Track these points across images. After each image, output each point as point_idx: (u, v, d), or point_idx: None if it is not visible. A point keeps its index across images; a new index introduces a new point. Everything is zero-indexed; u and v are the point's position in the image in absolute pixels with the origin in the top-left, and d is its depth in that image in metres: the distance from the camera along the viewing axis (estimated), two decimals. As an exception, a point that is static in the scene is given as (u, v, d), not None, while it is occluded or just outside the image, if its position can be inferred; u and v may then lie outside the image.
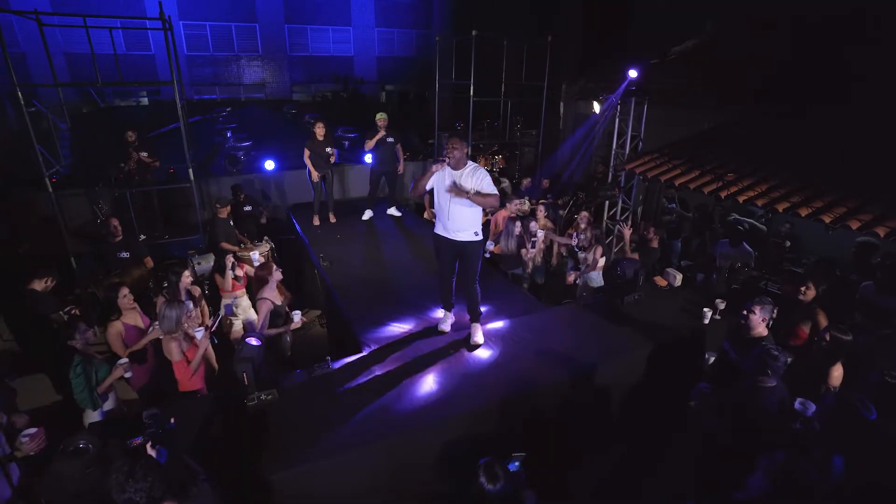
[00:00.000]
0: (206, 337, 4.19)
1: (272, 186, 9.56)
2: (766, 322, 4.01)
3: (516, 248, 6.53)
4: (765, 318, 3.99)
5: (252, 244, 7.32)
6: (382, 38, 21.02)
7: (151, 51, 18.03)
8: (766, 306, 3.98)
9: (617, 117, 7.39)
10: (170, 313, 3.97)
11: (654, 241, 6.70)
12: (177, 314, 3.97)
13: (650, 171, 6.53)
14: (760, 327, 4.00)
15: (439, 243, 4.70)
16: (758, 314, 3.97)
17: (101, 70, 7.67)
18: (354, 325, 5.29)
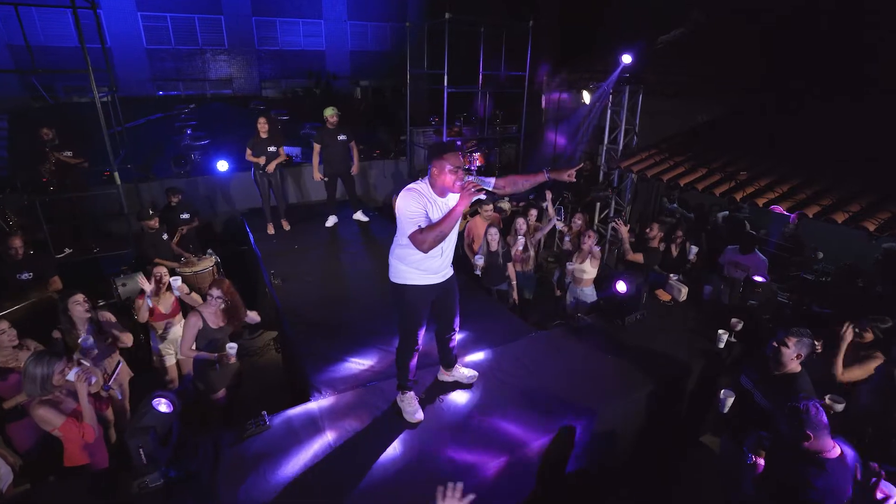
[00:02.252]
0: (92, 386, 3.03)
1: (224, 190, 8.36)
2: (802, 358, 3.08)
3: (501, 261, 5.52)
4: (800, 353, 3.06)
5: (193, 258, 6.17)
6: (355, 32, 19.77)
7: (108, 43, 16.49)
8: (803, 339, 3.05)
9: (609, 108, 6.43)
10: (33, 371, 2.84)
11: (656, 240, 5.77)
12: (42, 373, 2.84)
13: (649, 169, 5.58)
14: (793, 363, 3.07)
15: (425, 295, 3.34)
16: (792, 349, 3.03)
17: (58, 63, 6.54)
18: (304, 361, 4.23)
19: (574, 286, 5.57)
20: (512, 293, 5.58)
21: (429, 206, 2.97)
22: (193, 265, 6.01)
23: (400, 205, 2.97)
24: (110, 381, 3.30)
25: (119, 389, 3.55)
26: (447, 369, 3.92)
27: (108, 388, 3.24)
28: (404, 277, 3.19)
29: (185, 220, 6.98)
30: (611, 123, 6.52)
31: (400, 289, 3.24)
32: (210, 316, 4.07)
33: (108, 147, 5.66)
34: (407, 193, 2.98)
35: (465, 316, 3.88)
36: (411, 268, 3.16)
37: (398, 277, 3.22)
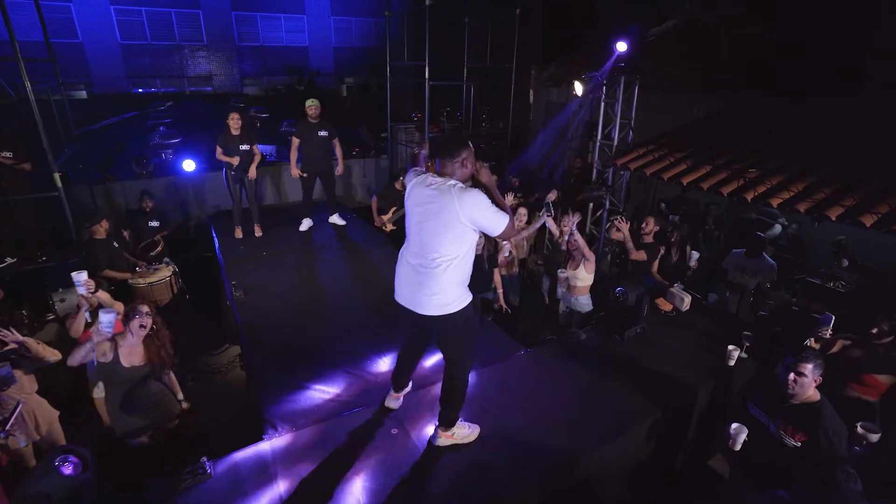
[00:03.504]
0: None
1: (192, 191, 7.69)
2: (819, 382, 2.57)
3: (486, 266, 4.95)
4: (818, 379, 2.54)
5: (148, 269, 5.53)
6: (339, 28, 19.07)
7: (79, 38, 15.68)
8: (817, 362, 2.54)
9: (602, 101, 5.87)
10: None
11: (650, 235, 5.24)
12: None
13: (647, 166, 5.04)
14: (811, 390, 2.55)
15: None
16: (809, 376, 2.51)
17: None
18: (260, 390, 3.64)
19: (568, 294, 5.02)
20: (498, 301, 5.01)
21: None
22: (147, 276, 5.38)
23: (474, 205, 2.44)
24: (7, 424, 2.68)
25: (23, 436, 2.91)
26: (400, 390, 3.43)
27: (5, 436, 2.63)
28: (464, 298, 2.73)
29: (153, 229, 6.34)
30: (604, 117, 5.97)
31: (463, 314, 2.73)
32: (126, 348, 3.19)
33: (45, 146, 4.98)
34: (471, 190, 2.47)
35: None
36: (465, 283, 2.72)
37: (460, 302, 2.70)
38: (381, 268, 5.60)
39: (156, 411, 3.33)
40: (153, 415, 3.34)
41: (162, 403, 3.36)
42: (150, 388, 3.30)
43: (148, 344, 3.28)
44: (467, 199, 2.43)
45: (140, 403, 3.26)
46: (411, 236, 2.67)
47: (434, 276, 2.57)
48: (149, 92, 17.15)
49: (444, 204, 2.45)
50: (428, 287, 2.61)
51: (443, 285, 2.60)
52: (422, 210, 2.56)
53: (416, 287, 2.65)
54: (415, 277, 2.65)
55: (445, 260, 2.55)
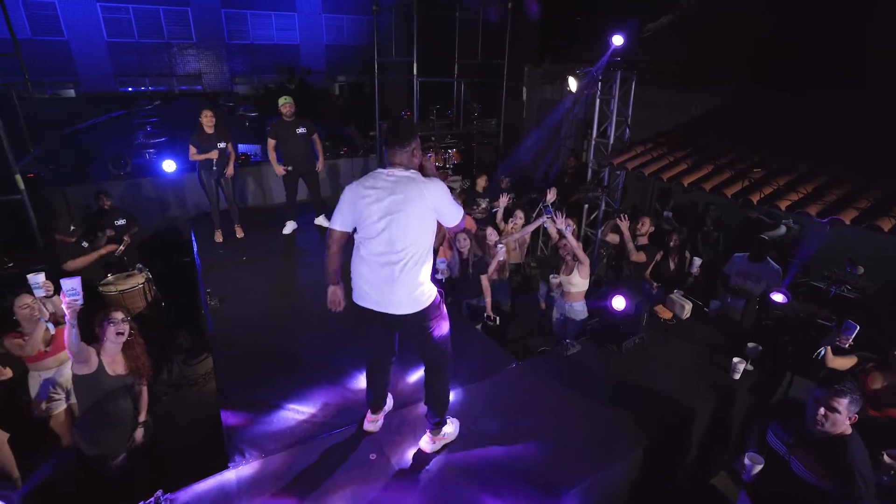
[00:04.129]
0: None
1: (173, 192, 7.33)
2: (855, 420, 2.26)
3: (472, 272, 4.65)
4: (853, 416, 2.24)
5: (120, 275, 5.20)
6: (331, 25, 18.71)
7: (64, 36, 15.25)
8: (853, 396, 2.21)
9: (598, 97, 5.57)
10: None
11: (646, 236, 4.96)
12: None
13: (646, 166, 4.75)
14: (843, 426, 2.25)
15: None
16: (843, 413, 2.20)
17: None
18: (227, 410, 3.32)
19: (562, 301, 4.72)
20: (487, 312, 4.70)
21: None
22: (118, 283, 5.04)
23: (439, 192, 2.48)
24: None
25: None
26: (378, 412, 3.14)
27: None
28: (431, 288, 2.66)
29: (121, 228, 5.99)
30: (599, 115, 5.67)
31: (434, 307, 2.68)
32: (107, 357, 3.00)
33: (5, 146, 4.63)
34: (434, 179, 2.53)
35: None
36: (430, 275, 2.67)
37: (431, 292, 2.67)
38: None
39: (130, 428, 3.11)
40: (128, 431, 3.11)
41: (132, 419, 3.12)
42: (127, 402, 3.07)
43: (126, 352, 3.05)
44: (433, 187, 2.45)
45: (120, 418, 3.04)
46: (374, 234, 2.49)
47: (407, 270, 2.48)
48: (138, 91, 16.76)
49: (411, 194, 2.41)
50: (403, 284, 2.50)
51: (418, 279, 2.53)
52: (386, 205, 2.44)
53: (390, 286, 2.51)
54: (387, 276, 2.51)
55: (417, 252, 2.49)
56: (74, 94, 16.38)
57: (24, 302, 3.43)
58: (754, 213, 6.31)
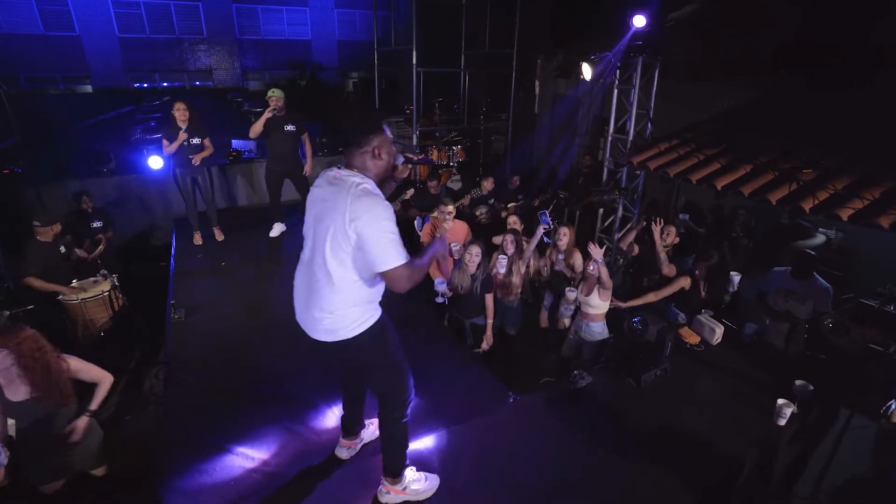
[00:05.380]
0: None
1: (159, 192, 6.79)
2: None
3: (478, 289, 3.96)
4: None
5: (85, 281, 4.67)
6: (343, 20, 18.14)
7: (76, 31, 14.98)
8: None
9: (615, 87, 4.84)
10: None
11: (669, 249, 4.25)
12: None
13: (671, 166, 4.03)
14: None
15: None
16: None
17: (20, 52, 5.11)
18: (166, 449, 2.73)
19: (579, 319, 4.02)
20: (486, 336, 4.02)
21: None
22: (80, 291, 4.51)
23: (370, 217, 1.83)
24: None
25: None
26: (352, 437, 2.67)
27: None
28: (366, 318, 2.06)
29: (97, 230, 5.50)
30: (617, 107, 4.93)
31: (367, 337, 2.06)
32: (4, 380, 2.48)
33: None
34: (376, 200, 1.87)
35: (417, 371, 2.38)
36: (374, 302, 2.10)
37: (361, 323, 2.04)
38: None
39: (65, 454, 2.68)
40: (61, 457, 2.69)
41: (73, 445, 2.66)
42: (53, 427, 2.61)
43: (30, 376, 2.48)
44: (362, 205, 1.81)
45: (43, 443, 2.61)
46: (307, 240, 2.08)
47: (319, 289, 1.97)
48: (152, 86, 16.46)
49: (338, 206, 1.85)
50: (317, 306, 2.00)
51: (335, 305, 1.97)
52: (316, 210, 2.00)
53: (306, 304, 2.07)
54: (305, 292, 2.07)
55: (340, 277, 1.92)
56: (91, 90, 16.19)
57: None
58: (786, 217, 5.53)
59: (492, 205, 6.13)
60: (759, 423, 2.98)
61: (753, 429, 2.94)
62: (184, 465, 2.64)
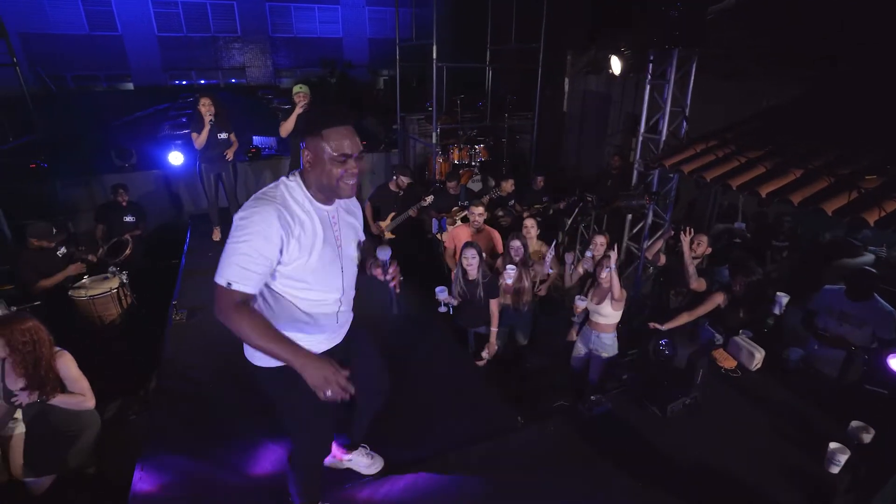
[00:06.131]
0: None
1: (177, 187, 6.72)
2: None
3: (481, 295, 3.67)
4: None
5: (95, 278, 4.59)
6: (374, 18, 18.02)
7: (118, 31, 15.35)
8: None
9: (647, 83, 4.41)
10: None
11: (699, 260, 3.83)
12: None
13: (708, 169, 3.60)
14: None
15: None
16: None
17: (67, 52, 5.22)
18: (143, 471, 2.54)
19: (588, 329, 3.68)
20: (489, 344, 3.71)
21: (292, 229, 1.58)
22: (91, 287, 4.43)
23: (235, 224, 1.56)
24: None
25: None
26: (349, 449, 2.43)
27: None
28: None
29: (129, 225, 5.49)
30: (649, 104, 4.51)
31: (269, 377, 1.78)
32: (9, 365, 2.50)
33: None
34: (255, 204, 1.57)
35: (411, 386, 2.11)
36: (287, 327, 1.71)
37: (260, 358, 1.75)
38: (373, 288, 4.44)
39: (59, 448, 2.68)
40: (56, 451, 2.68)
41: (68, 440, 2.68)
42: (50, 420, 2.61)
43: (21, 367, 2.47)
44: (241, 211, 1.56)
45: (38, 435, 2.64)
46: None
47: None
48: (188, 84, 16.76)
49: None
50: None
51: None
52: None
53: None
54: None
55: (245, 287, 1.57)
56: (133, 87, 16.63)
57: None
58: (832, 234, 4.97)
59: (512, 206, 5.79)
60: (808, 467, 2.56)
61: (800, 474, 2.52)
62: (160, 490, 2.45)
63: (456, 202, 5.54)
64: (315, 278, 1.70)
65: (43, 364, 2.48)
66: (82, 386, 2.62)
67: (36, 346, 2.46)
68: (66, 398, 2.56)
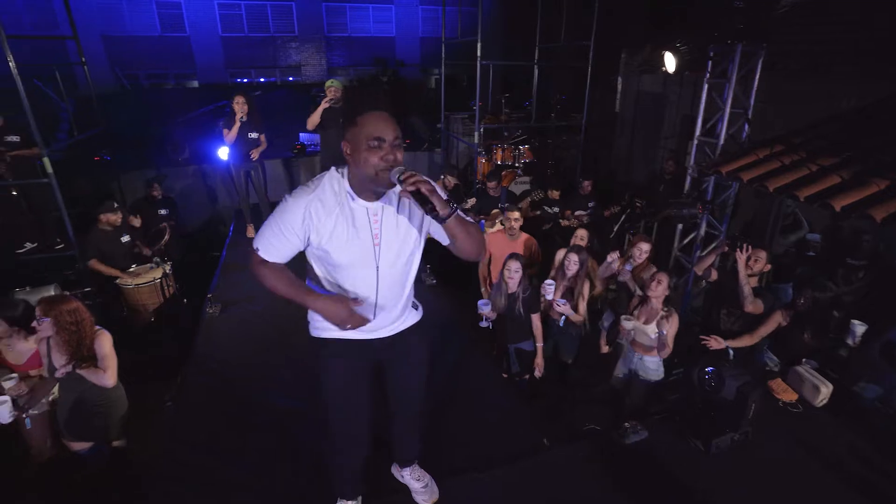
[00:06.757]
0: None
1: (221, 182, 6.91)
2: None
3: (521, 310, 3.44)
4: None
5: (141, 267, 4.76)
6: (427, 17, 18.05)
7: (187, 32, 16.19)
8: None
9: (705, 81, 4.03)
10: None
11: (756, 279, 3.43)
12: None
13: (771, 178, 3.22)
14: None
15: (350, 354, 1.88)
16: None
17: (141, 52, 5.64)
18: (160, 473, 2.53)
19: (631, 351, 3.39)
20: (537, 362, 3.48)
21: (315, 218, 1.61)
22: (135, 277, 4.59)
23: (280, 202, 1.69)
24: None
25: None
26: (400, 465, 2.35)
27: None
28: (316, 324, 1.86)
29: (162, 218, 5.69)
30: (707, 104, 4.12)
31: (313, 344, 1.89)
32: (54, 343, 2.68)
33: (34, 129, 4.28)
34: (295, 190, 1.67)
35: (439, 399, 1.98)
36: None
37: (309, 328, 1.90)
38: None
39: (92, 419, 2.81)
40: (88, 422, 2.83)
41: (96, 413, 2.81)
42: (85, 394, 2.77)
43: (65, 344, 2.64)
44: (288, 194, 1.66)
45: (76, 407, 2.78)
46: None
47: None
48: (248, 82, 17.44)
49: None
50: None
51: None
52: None
53: None
54: None
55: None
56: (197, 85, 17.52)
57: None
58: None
59: (556, 212, 5.52)
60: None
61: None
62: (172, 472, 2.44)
63: (496, 204, 5.34)
64: (341, 275, 1.71)
65: (86, 342, 2.66)
66: (108, 364, 2.73)
67: (79, 325, 2.64)
68: (90, 371, 2.67)
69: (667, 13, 7.36)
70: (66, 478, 2.90)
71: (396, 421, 2.15)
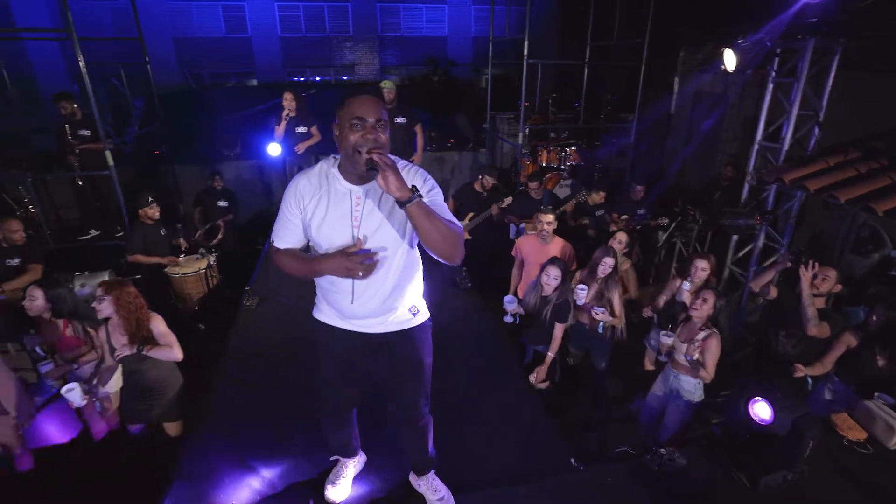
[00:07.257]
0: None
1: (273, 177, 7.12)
2: None
3: (547, 316, 3.31)
4: None
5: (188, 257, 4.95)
6: (479, 17, 17.92)
7: (248, 33, 16.90)
8: None
9: (770, 81, 3.69)
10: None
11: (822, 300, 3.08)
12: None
13: (842, 188, 2.89)
14: None
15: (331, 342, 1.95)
16: None
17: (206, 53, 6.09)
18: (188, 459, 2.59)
19: (670, 369, 3.17)
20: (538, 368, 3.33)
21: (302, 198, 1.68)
22: (182, 266, 4.78)
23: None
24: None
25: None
26: (416, 474, 2.30)
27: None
28: (315, 306, 1.98)
29: (222, 210, 5.91)
30: (771, 106, 3.76)
31: (311, 322, 2.00)
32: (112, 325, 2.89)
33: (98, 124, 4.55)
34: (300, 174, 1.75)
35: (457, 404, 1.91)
36: (320, 295, 1.93)
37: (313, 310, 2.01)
38: (443, 287, 4.29)
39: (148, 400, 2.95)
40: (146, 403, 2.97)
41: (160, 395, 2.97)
42: (142, 375, 2.91)
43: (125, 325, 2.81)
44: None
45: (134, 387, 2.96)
46: None
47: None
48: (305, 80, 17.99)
49: None
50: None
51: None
52: None
53: None
54: None
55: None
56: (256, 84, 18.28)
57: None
58: None
59: (601, 216, 5.27)
60: None
61: None
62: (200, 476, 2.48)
63: (538, 206, 5.17)
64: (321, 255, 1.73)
65: (144, 324, 2.83)
66: (170, 339, 2.90)
67: (137, 308, 2.82)
68: (159, 350, 2.82)
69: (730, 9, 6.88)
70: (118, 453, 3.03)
71: (397, 429, 2.13)
